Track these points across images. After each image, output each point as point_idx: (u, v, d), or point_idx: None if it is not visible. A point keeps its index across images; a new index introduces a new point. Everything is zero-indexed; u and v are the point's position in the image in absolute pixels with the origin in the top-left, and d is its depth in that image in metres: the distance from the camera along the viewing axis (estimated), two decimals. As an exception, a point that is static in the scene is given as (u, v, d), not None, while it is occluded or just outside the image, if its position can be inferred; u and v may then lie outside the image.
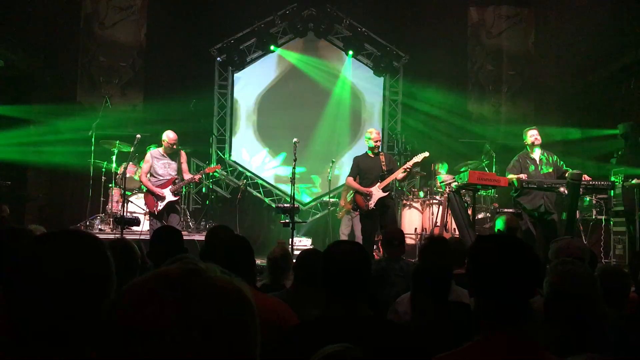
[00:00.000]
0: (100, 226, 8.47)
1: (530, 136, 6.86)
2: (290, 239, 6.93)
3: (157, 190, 6.86)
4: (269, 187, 10.77)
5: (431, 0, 10.57)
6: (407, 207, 8.85)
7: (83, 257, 1.21)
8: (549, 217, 6.71)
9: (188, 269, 0.81)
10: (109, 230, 8.23)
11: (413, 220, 8.72)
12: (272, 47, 10.68)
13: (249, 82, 11.11)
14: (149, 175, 7.00)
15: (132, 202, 8.29)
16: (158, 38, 10.51)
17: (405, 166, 6.75)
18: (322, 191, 10.64)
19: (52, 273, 1.16)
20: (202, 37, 10.54)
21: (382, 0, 11.07)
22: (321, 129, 10.87)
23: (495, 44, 11.02)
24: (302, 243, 8.53)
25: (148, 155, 7.13)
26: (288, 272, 3.80)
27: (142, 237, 6.88)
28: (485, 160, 9.14)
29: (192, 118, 9.73)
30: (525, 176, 6.59)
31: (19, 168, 9.11)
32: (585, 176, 6.35)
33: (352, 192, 7.06)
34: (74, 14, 10.39)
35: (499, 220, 5.24)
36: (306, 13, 10.67)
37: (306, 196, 11.01)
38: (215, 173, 9.24)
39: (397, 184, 8.20)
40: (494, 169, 8.70)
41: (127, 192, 8.01)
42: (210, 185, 9.70)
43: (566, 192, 6.36)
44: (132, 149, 8.01)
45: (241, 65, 10.76)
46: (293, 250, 6.23)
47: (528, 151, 6.90)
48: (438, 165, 9.01)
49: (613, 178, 7.38)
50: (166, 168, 7.01)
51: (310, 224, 10.06)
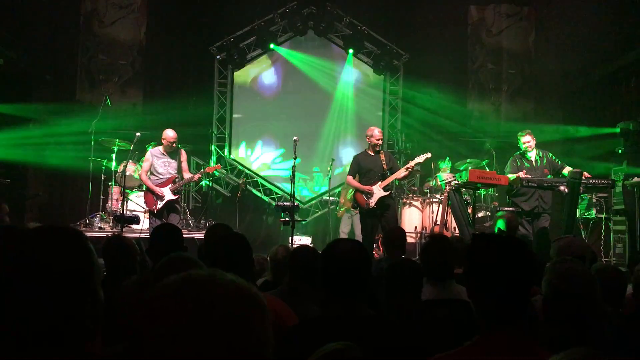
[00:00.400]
0: (100, 224, 8.46)
1: (524, 143, 6.93)
2: (290, 237, 6.92)
3: (157, 189, 6.86)
4: (269, 186, 10.77)
5: (431, -1, 10.59)
6: (407, 206, 8.84)
7: (59, 252, 1.17)
8: (541, 217, 6.81)
9: (210, 273, 0.89)
10: (109, 228, 8.23)
11: (413, 218, 8.72)
12: (272, 46, 10.67)
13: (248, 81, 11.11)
14: (149, 173, 7.00)
15: (132, 200, 8.30)
16: (158, 36, 10.51)
17: (407, 166, 6.74)
18: (322, 188, 10.63)
19: (27, 268, 1.13)
20: (202, 36, 10.54)
21: (383, -2, 11.08)
22: (321, 128, 10.87)
23: (495, 43, 11.01)
24: (302, 242, 8.52)
25: (148, 153, 7.13)
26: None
27: (142, 235, 6.87)
28: (485, 159, 9.13)
29: (192, 116, 9.72)
30: (524, 172, 6.61)
31: (19, 166, 9.09)
32: (585, 173, 6.36)
33: (353, 190, 7.03)
34: (74, 12, 10.38)
35: (500, 220, 5.24)
36: (306, 11, 10.65)
37: (306, 191, 11.00)
38: (215, 172, 9.24)
39: (397, 182, 8.19)
40: (494, 168, 8.70)
41: (127, 190, 8.01)
42: (210, 183, 9.69)
43: (566, 191, 6.36)
44: (132, 147, 8.02)
45: (241, 63, 10.75)
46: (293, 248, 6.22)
47: (523, 151, 6.96)
48: (440, 162, 8.99)
49: (613, 177, 7.37)
50: (166, 167, 7.01)
51: (310, 223, 10.05)
